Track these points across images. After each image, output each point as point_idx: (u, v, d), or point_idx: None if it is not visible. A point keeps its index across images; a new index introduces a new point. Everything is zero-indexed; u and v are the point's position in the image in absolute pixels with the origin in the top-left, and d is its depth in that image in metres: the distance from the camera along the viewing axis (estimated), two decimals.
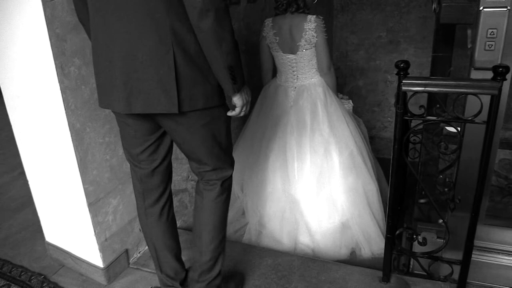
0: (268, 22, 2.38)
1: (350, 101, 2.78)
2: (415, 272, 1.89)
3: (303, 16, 2.27)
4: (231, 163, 1.59)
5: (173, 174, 1.72)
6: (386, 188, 2.58)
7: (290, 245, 2.29)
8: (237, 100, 1.41)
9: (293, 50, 2.34)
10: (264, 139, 2.49)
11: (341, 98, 2.71)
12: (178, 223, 2.34)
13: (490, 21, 1.44)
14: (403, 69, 1.44)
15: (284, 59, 2.41)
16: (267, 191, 2.42)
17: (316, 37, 2.26)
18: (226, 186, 1.59)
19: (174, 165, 2.31)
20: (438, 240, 1.91)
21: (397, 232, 1.70)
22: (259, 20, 2.67)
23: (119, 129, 1.54)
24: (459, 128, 1.46)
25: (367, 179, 2.39)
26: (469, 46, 1.57)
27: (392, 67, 4.69)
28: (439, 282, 1.76)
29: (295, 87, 2.45)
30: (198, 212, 1.61)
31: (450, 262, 1.69)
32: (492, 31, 1.44)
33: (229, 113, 1.46)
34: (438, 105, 1.81)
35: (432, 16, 4.02)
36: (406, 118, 1.50)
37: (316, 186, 2.36)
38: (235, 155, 1.71)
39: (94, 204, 1.80)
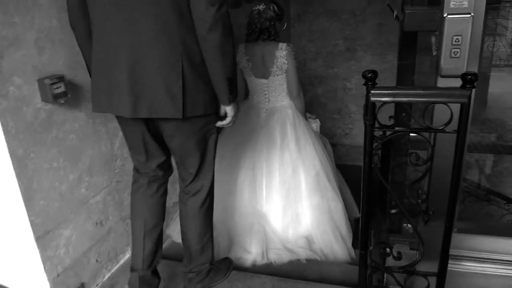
0: (241, 48, 2.46)
1: (318, 120, 2.87)
2: (390, 286, 1.83)
3: (274, 43, 2.38)
4: (212, 173, 1.71)
5: None
6: (350, 199, 2.77)
7: (259, 253, 2.29)
8: (230, 110, 1.54)
9: (265, 75, 2.45)
10: (234, 154, 2.52)
11: (309, 118, 2.80)
12: None
13: (454, 28, 1.41)
14: (370, 79, 1.38)
15: (256, 83, 2.52)
16: (235, 206, 2.44)
17: (287, 64, 2.38)
18: (208, 194, 1.70)
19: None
20: (411, 251, 1.87)
21: (371, 248, 1.63)
22: None
23: (125, 139, 1.68)
24: (429, 138, 1.42)
25: (332, 197, 2.48)
26: (434, 54, 1.54)
27: (351, 74, 4.74)
28: None
29: (267, 109, 2.57)
30: (183, 221, 1.74)
31: (426, 275, 1.64)
32: (457, 38, 1.41)
33: (219, 123, 1.59)
34: (404, 114, 1.78)
35: (388, 23, 4.09)
36: (376, 129, 1.44)
37: (283, 203, 2.43)
38: None
39: (43, 237, 1.61)
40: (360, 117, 4.93)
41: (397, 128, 1.43)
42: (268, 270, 2.18)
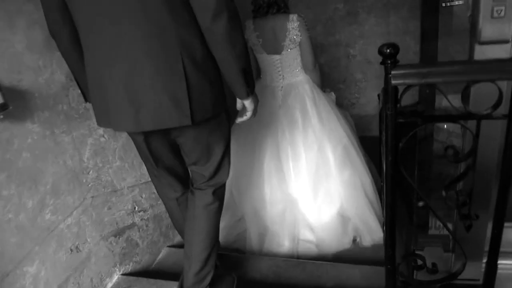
0: (249, 24, 2.31)
1: (333, 93, 2.70)
2: None
3: (285, 16, 2.23)
4: (228, 170, 1.57)
5: (114, 210, 1.77)
6: (374, 170, 2.63)
7: (292, 246, 2.27)
8: (249, 104, 1.38)
9: (277, 50, 2.30)
10: (256, 142, 2.43)
11: (324, 91, 2.62)
12: (130, 267, 1.92)
13: None
14: (390, 56, 1.04)
15: (268, 60, 2.37)
16: (265, 195, 2.37)
17: (300, 36, 2.25)
18: (219, 195, 1.57)
19: (113, 199, 1.87)
20: (446, 254, 1.57)
21: (399, 262, 1.33)
22: None
23: (138, 151, 1.50)
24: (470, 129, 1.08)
25: (362, 171, 2.40)
26: (468, 14, 1.19)
27: (353, 40, 4.37)
28: None
29: (282, 87, 2.42)
30: (190, 221, 1.56)
31: (470, 286, 1.35)
32: None
33: (239, 120, 1.47)
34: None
35: None
36: (400, 121, 1.11)
37: (313, 183, 2.34)
38: None
39: (1, 281, 1.33)
40: (367, 85, 4.58)
41: (429, 115, 1.10)
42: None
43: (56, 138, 1.55)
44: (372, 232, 2.28)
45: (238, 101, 1.41)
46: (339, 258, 2.15)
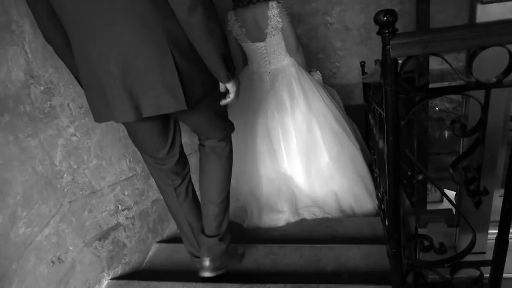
0: (231, 16, 2.39)
1: (318, 72, 2.82)
2: (430, 277, 1.48)
3: (264, 4, 2.32)
4: (232, 126, 1.71)
5: (96, 212, 1.72)
6: (360, 139, 2.83)
7: (291, 211, 2.37)
8: (231, 86, 1.45)
9: (261, 38, 2.41)
10: (247, 126, 2.54)
11: (310, 71, 2.76)
12: (119, 270, 1.81)
13: None
14: (387, 24, 0.92)
15: (254, 48, 2.48)
16: (260, 176, 2.49)
17: (281, 22, 2.35)
18: (228, 139, 1.71)
19: (93, 201, 1.74)
20: (449, 229, 1.51)
21: (404, 244, 1.25)
22: None
23: (131, 139, 1.57)
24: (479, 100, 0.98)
25: (350, 146, 2.52)
26: None
27: (330, 7, 4.23)
28: None
29: (269, 72, 2.54)
30: (204, 168, 1.70)
31: (479, 265, 1.28)
32: None
33: (223, 102, 1.50)
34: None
35: None
36: (401, 96, 1.00)
37: (305, 162, 2.48)
38: None
39: None
40: (346, 53, 4.48)
41: (432, 89, 0.99)
42: (300, 227, 2.26)
43: (21, 144, 1.40)
44: (361, 205, 2.41)
45: (221, 84, 1.46)
46: (336, 237, 2.09)
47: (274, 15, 2.31)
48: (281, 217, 2.30)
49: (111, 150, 1.85)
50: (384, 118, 1.45)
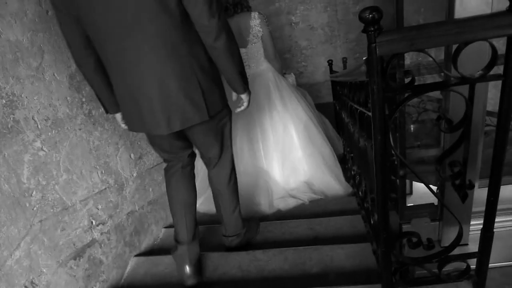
0: None
1: (292, 74, 3.09)
2: (417, 273, 1.48)
3: (247, 14, 2.56)
4: (232, 155, 1.91)
5: (69, 230, 1.65)
6: (333, 133, 3.25)
7: (267, 203, 2.56)
8: (245, 96, 1.72)
9: (243, 44, 2.64)
10: None
11: (284, 74, 3.00)
12: (97, 287, 1.72)
13: None
14: (373, 22, 0.91)
15: None
16: (240, 169, 2.57)
17: (262, 31, 2.60)
18: (231, 171, 1.92)
19: (65, 218, 1.65)
20: (433, 223, 1.52)
21: (392, 241, 1.25)
22: None
23: (152, 147, 1.82)
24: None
25: (322, 144, 2.75)
26: None
27: (294, 7, 4.25)
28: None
29: (249, 75, 2.67)
30: (217, 199, 1.97)
31: (467, 257, 1.30)
32: None
33: (238, 110, 1.78)
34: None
35: None
36: (388, 94, 0.99)
37: (281, 158, 2.70)
38: None
39: None
40: (312, 52, 4.50)
41: (418, 86, 0.99)
42: (278, 215, 2.46)
43: None
44: (333, 191, 2.62)
45: (234, 94, 1.74)
46: (318, 238, 2.07)
47: (255, 24, 2.56)
48: (258, 210, 2.50)
49: (82, 163, 1.75)
50: (366, 116, 1.44)
